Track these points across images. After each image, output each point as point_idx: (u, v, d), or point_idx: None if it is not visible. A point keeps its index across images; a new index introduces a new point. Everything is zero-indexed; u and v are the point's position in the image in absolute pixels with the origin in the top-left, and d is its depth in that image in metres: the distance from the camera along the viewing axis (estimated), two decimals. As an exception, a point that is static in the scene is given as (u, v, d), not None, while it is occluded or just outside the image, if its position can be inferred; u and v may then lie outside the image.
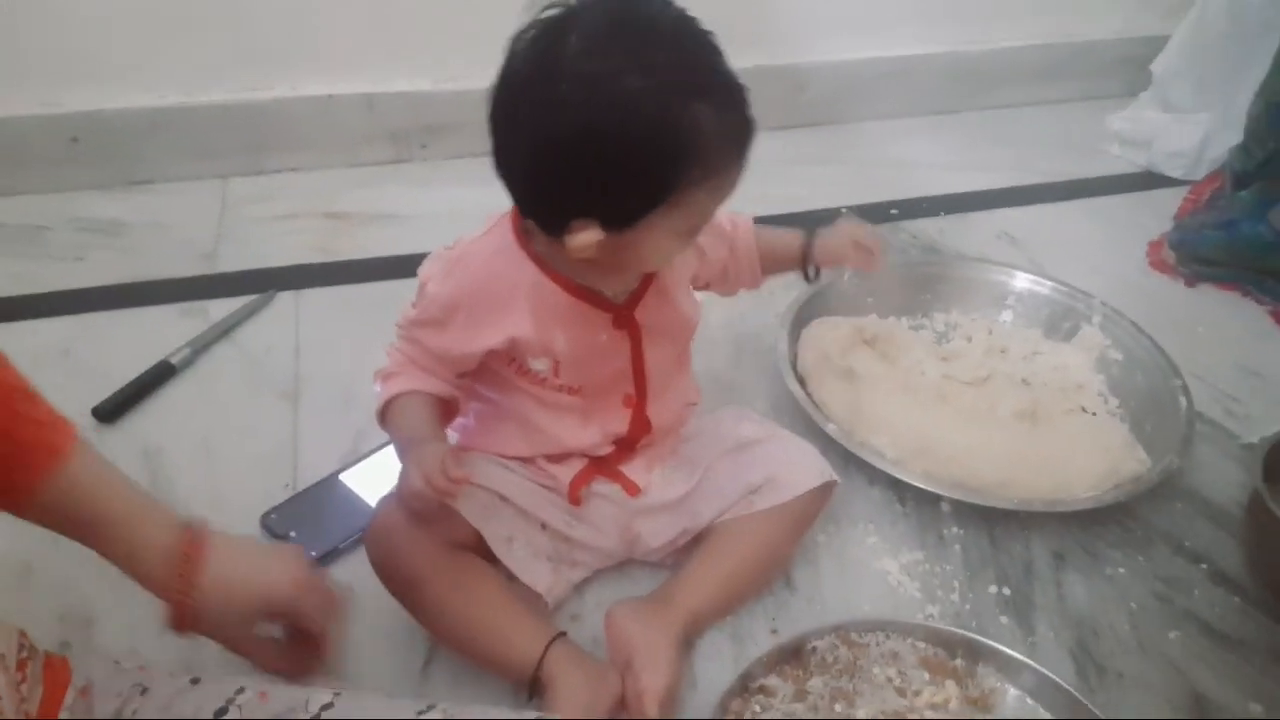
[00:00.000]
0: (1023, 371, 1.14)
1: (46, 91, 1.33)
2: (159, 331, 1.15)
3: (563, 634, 0.80)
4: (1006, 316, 1.22)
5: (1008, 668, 0.82)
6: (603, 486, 0.88)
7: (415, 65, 1.42)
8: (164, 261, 1.28)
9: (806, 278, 1.00)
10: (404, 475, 0.74)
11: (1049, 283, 1.22)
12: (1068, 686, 0.80)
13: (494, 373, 0.83)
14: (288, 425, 1.05)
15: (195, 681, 0.67)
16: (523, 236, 0.77)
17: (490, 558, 0.82)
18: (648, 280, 0.82)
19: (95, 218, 1.35)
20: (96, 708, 0.64)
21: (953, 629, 0.85)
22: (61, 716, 0.63)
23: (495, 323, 0.78)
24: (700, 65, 0.67)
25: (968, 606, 0.91)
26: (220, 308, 1.20)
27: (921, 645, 0.84)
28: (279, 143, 1.45)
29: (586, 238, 0.68)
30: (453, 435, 0.88)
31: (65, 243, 1.31)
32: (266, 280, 1.25)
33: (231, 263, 1.29)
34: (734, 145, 0.69)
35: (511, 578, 0.83)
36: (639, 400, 0.86)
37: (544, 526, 0.86)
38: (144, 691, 0.66)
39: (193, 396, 1.08)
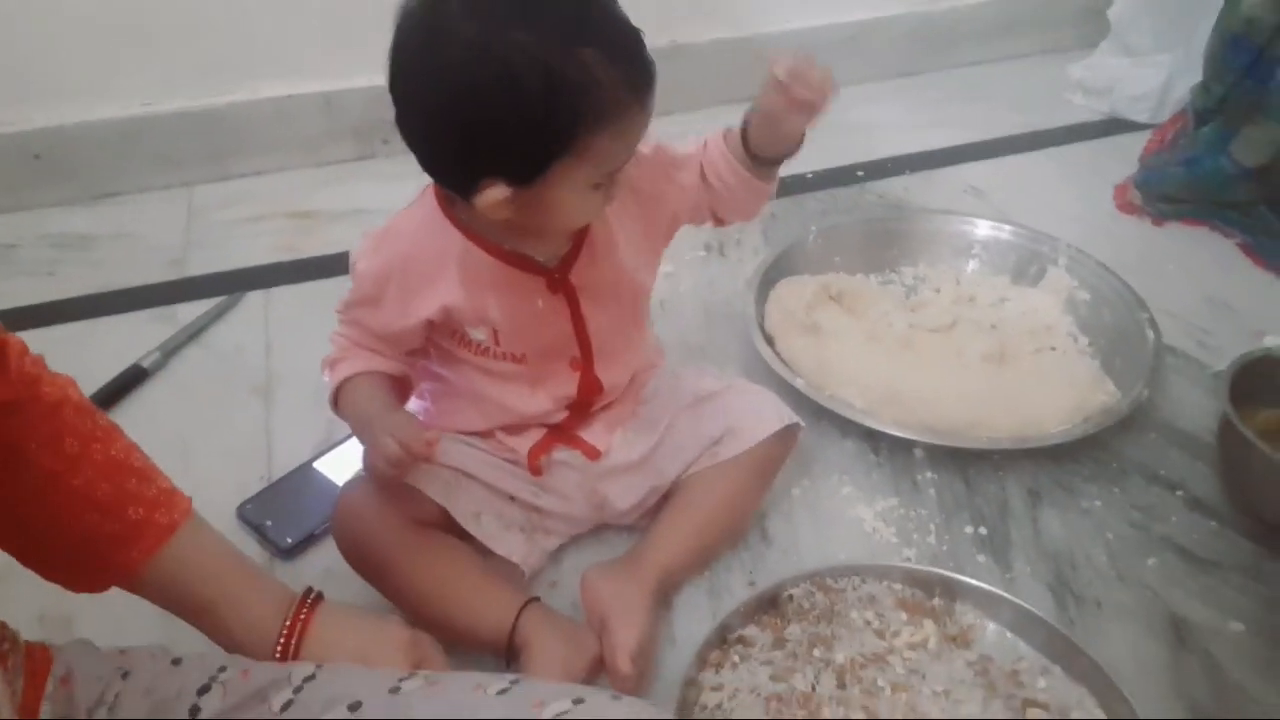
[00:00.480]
0: (991, 318, 1.14)
1: (6, 110, 1.33)
2: (130, 338, 1.15)
3: (535, 599, 0.80)
4: (973, 265, 1.23)
5: (986, 603, 0.83)
6: (563, 454, 0.88)
7: (372, 61, 1.40)
8: (133, 270, 1.29)
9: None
10: (374, 445, 0.74)
11: (1012, 228, 1.23)
12: (1046, 618, 0.80)
13: (440, 348, 0.83)
14: (260, 420, 1.06)
15: (176, 662, 0.67)
16: (447, 205, 0.77)
17: (462, 536, 0.82)
18: (579, 241, 0.80)
19: (64, 232, 1.35)
20: (78, 694, 0.64)
21: (929, 569, 0.85)
22: (43, 706, 0.63)
23: (427, 293, 0.78)
24: (587, 13, 0.67)
25: (944, 548, 0.91)
26: (190, 311, 1.20)
27: (898, 587, 0.84)
28: (242, 147, 1.45)
29: (493, 195, 0.68)
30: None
31: (35, 259, 1.31)
32: (234, 282, 1.26)
33: (200, 267, 1.29)
34: (629, 90, 0.68)
35: (486, 553, 0.83)
36: (586, 363, 0.85)
37: (512, 498, 0.86)
38: (125, 675, 0.66)
39: (165, 398, 1.09)
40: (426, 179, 0.76)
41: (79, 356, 1.14)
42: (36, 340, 1.15)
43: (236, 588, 0.69)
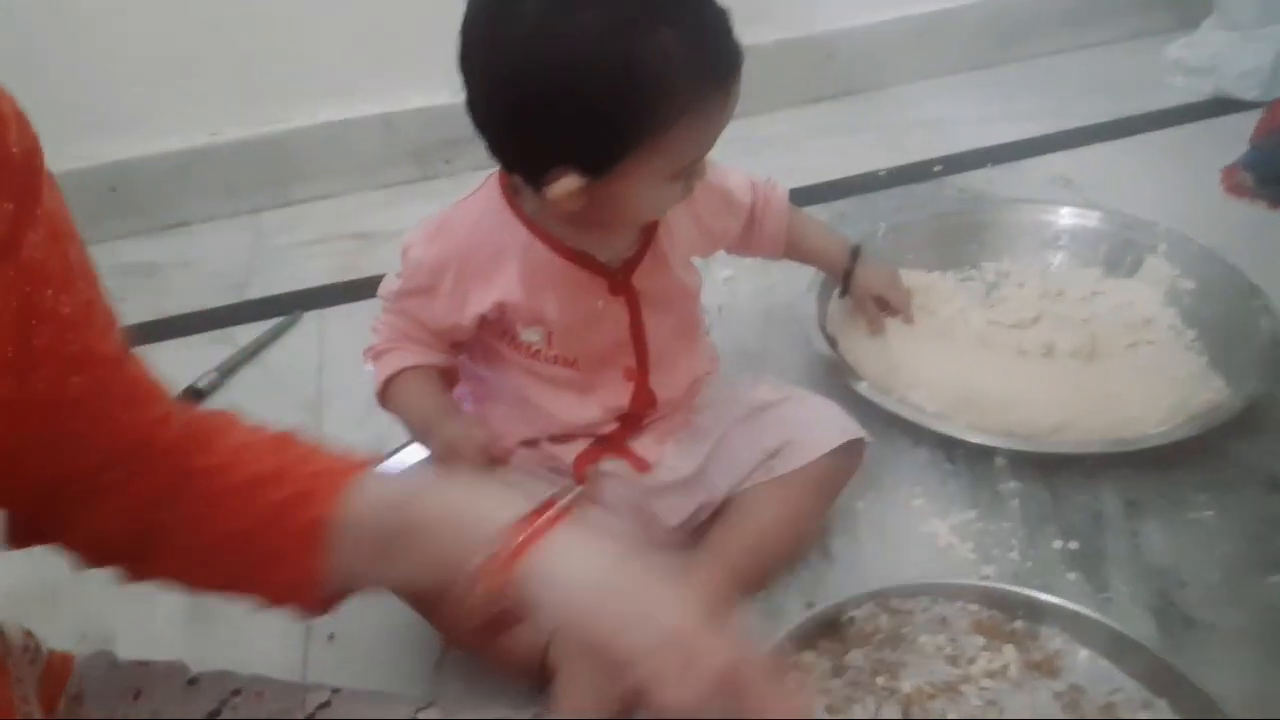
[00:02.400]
0: (1082, 313, 1.04)
1: (81, 144, 1.37)
2: (190, 361, 1.16)
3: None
4: (1060, 258, 1.13)
5: (1076, 627, 0.73)
6: (610, 465, 0.82)
7: (430, 80, 1.41)
8: (197, 296, 1.30)
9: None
10: (446, 450, 0.73)
11: (1102, 215, 1.12)
12: (1148, 644, 0.71)
13: (488, 348, 0.79)
14: (311, 436, 1.04)
15: (193, 682, 0.64)
16: (512, 196, 0.73)
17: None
18: (645, 244, 0.76)
19: (133, 262, 1.38)
20: (86, 715, 0.62)
21: (1009, 588, 0.76)
22: None
23: (483, 287, 0.74)
24: None
25: (1029, 565, 0.82)
26: (248, 333, 1.21)
27: (974, 608, 0.76)
28: (303, 172, 1.46)
29: (565, 185, 0.64)
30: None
31: (107, 288, 1.33)
32: (292, 303, 1.26)
33: (260, 291, 1.30)
34: (710, 74, 0.63)
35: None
36: (640, 372, 0.81)
37: (557, 512, 0.81)
38: (136, 695, 0.63)
39: (217, 419, 1.08)
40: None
41: None
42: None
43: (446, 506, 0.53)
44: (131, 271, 1.36)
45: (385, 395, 0.79)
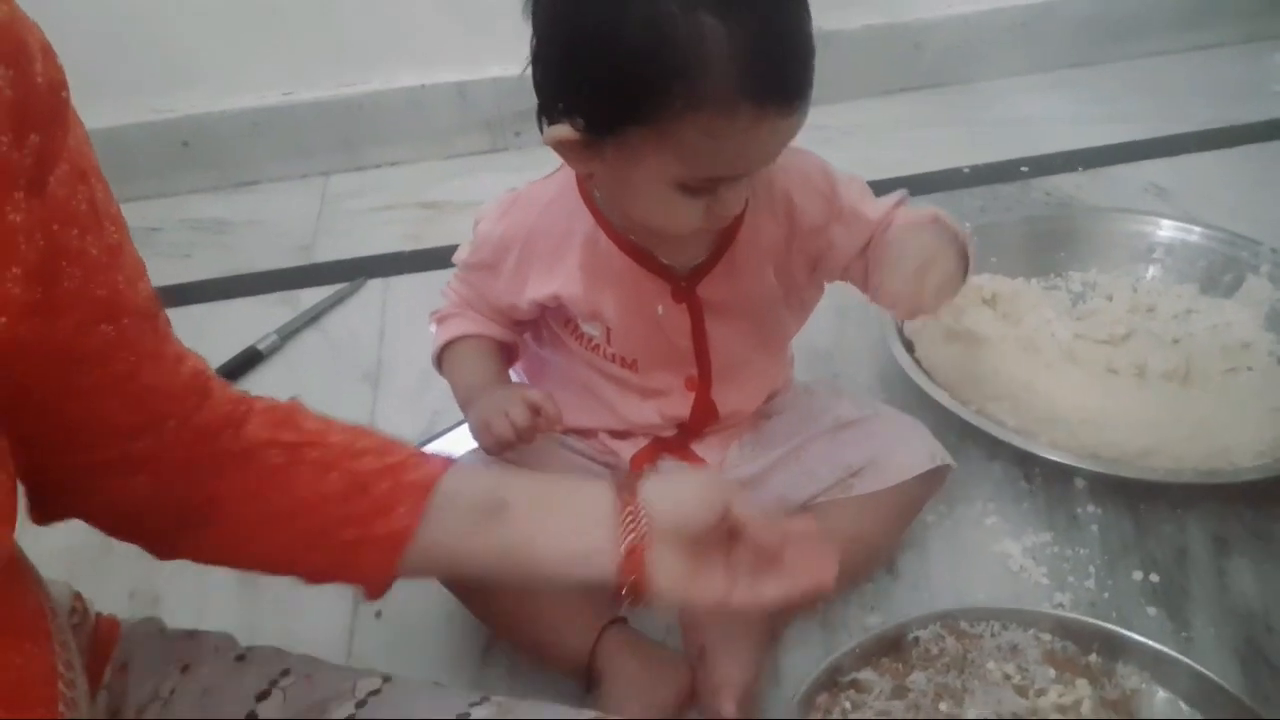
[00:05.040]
0: (1174, 331, 0.98)
1: (159, 98, 1.38)
2: (254, 321, 1.16)
3: (619, 620, 0.73)
4: (1153, 271, 1.07)
5: (1155, 665, 0.70)
6: (669, 465, 0.79)
7: (505, 52, 1.38)
8: (264, 256, 1.30)
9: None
10: (481, 421, 0.70)
11: (1203, 231, 1.06)
12: (1233, 690, 0.66)
13: (551, 332, 0.77)
14: (367, 407, 1.03)
15: (241, 658, 0.63)
16: (584, 182, 0.70)
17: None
18: (719, 252, 0.71)
19: (203, 217, 1.38)
20: (132, 686, 0.61)
21: (1087, 619, 0.72)
22: (99, 695, 0.60)
23: (544, 275, 0.72)
24: None
25: (1106, 595, 0.78)
26: (312, 297, 1.20)
27: (1047, 638, 0.72)
28: (375, 137, 1.45)
29: (559, 130, 0.60)
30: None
31: (175, 242, 1.34)
32: (358, 269, 1.25)
33: (326, 254, 1.30)
34: (747, 93, 0.55)
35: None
36: (703, 384, 0.77)
37: (612, 508, 0.78)
38: (185, 669, 0.62)
39: (276, 381, 1.08)
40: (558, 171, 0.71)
41: (202, 338, 1.15)
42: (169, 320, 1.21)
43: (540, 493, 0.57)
44: (201, 227, 1.37)
45: (441, 360, 0.78)
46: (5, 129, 0.41)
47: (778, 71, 0.57)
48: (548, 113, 0.62)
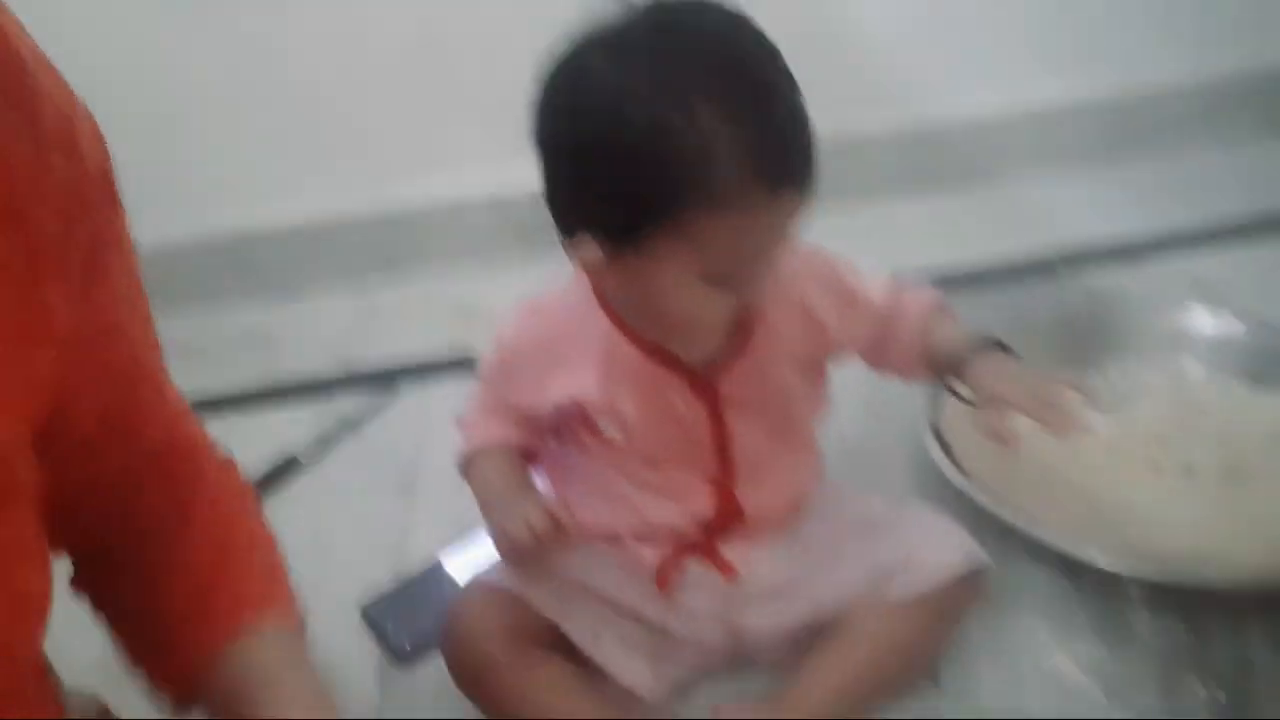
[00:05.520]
0: (1223, 429, 0.95)
1: (206, 212, 1.43)
2: (291, 430, 1.17)
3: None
4: (1197, 366, 1.04)
5: (1226, 790, 0.65)
6: (696, 570, 0.78)
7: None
8: (304, 364, 1.32)
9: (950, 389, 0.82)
10: (500, 528, 0.70)
11: (1249, 325, 1.04)
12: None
13: (574, 433, 0.76)
14: (399, 516, 1.03)
15: None
16: (598, 284, 0.71)
17: (577, 658, 0.74)
18: (739, 346, 0.72)
19: (246, 327, 1.42)
20: None
21: (1147, 738, 0.68)
22: None
23: (561, 378, 0.72)
24: (739, 75, 0.58)
25: (1169, 713, 0.74)
26: (350, 405, 1.22)
27: (1105, 758, 0.68)
28: (414, 249, 1.49)
29: (587, 251, 0.62)
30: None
31: (217, 354, 1.37)
32: (395, 377, 1.27)
33: (364, 363, 1.32)
34: (759, 180, 0.57)
35: (602, 678, 0.74)
36: (725, 482, 0.76)
37: (637, 618, 0.77)
38: None
39: (313, 490, 1.09)
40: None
41: (240, 446, 1.18)
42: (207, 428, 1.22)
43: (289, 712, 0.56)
44: (244, 337, 1.40)
45: (466, 468, 0.78)
46: (59, 217, 0.43)
47: (785, 152, 0.58)
48: (567, 232, 0.64)
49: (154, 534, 0.59)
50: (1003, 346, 0.77)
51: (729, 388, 0.73)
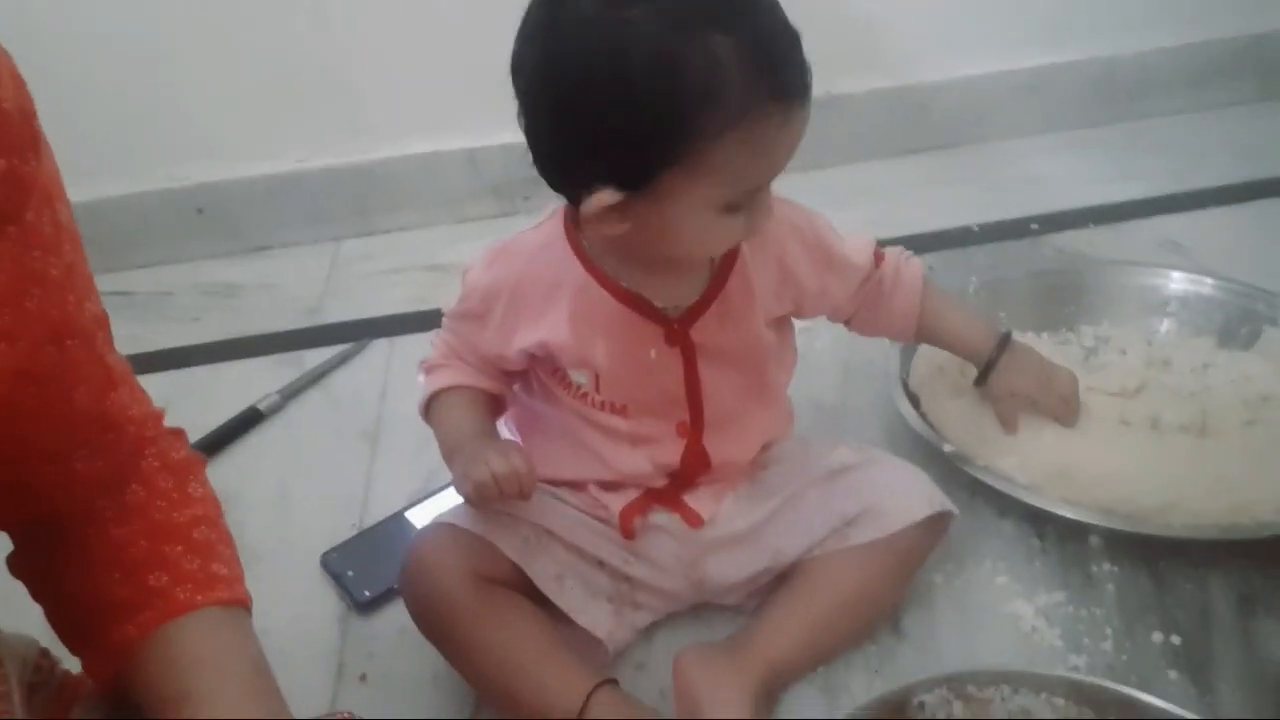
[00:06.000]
0: (1191, 385, 0.95)
1: (174, 166, 1.40)
2: (257, 382, 1.15)
3: (609, 681, 0.70)
4: (1168, 325, 1.04)
5: (1178, 733, 0.65)
6: (661, 517, 0.77)
7: (514, 119, 1.41)
8: (271, 318, 1.31)
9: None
10: (465, 473, 0.68)
11: (1217, 283, 1.04)
12: (1263, 761, 0.62)
13: (540, 382, 0.76)
14: (363, 466, 1.02)
15: None
16: (573, 230, 0.70)
17: (540, 602, 0.73)
18: (713, 293, 0.72)
19: (214, 282, 1.39)
20: None
21: (1103, 682, 0.68)
22: None
23: (531, 323, 0.71)
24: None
25: (1124, 658, 0.74)
26: (316, 358, 1.20)
27: (1061, 703, 0.68)
28: (386, 203, 1.46)
29: (601, 199, 0.60)
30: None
31: (186, 306, 1.35)
32: (363, 330, 1.25)
33: (332, 316, 1.30)
34: (769, 94, 0.57)
35: (567, 623, 0.73)
36: (694, 431, 0.75)
37: (600, 564, 0.76)
38: None
39: (276, 441, 1.08)
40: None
41: (204, 399, 1.17)
42: (171, 381, 1.20)
43: (221, 690, 0.54)
44: (212, 291, 1.38)
45: (428, 411, 0.77)
46: None
47: (787, 64, 0.59)
48: (570, 187, 0.63)
49: (87, 510, 0.57)
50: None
51: (702, 336, 0.72)
